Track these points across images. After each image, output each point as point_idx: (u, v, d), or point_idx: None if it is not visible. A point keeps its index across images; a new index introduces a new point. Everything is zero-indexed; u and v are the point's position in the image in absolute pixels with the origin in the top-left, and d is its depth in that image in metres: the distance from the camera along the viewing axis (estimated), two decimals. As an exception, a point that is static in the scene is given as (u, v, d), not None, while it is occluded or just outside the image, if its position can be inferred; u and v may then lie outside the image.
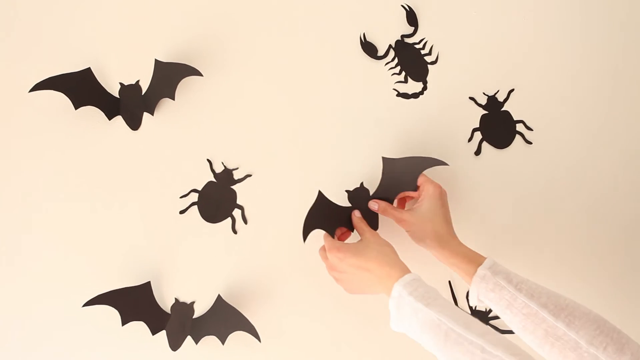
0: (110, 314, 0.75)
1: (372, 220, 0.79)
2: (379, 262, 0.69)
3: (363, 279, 0.71)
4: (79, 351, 0.78)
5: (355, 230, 0.78)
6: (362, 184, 0.81)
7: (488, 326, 0.59)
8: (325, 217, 0.77)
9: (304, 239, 0.74)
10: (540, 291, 0.64)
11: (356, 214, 0.78)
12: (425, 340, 0.61)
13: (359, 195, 0.81)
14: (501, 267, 0.68)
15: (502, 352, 0.54)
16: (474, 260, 0.70)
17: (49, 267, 0.79)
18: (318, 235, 0.79)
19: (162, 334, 0.77)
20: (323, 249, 0.76)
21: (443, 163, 0.77)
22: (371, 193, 0.80)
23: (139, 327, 0.77)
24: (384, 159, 0.78)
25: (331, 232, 0.77)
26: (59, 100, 0.79)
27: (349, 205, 0.80)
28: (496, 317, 0.81)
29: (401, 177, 0.78)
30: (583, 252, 0.84)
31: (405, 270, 0.67)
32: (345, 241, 0.80)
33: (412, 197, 0.80)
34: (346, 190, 0.81)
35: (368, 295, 0.75)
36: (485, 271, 0.67)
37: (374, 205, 0.79)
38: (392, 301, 0.65)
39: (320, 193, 0.76)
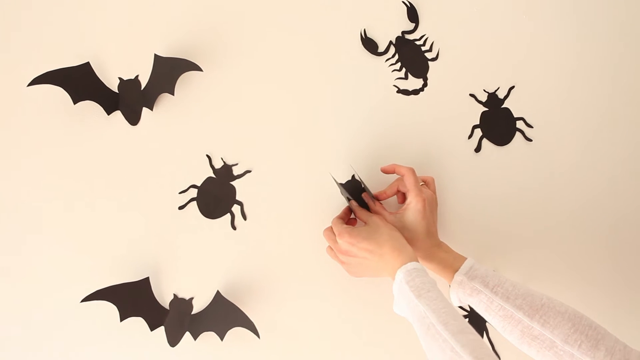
0: (109, 309, 0.75)
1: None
2: (390, 247, 0.69)
3: (373, 263, 0.71)
4: (77, 347, 0.78)
5: (358, 218, 0.79)
6: (353, 176, 0.82)
7: (466, 323, 0.60)
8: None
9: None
10: (516, 292, 0.65)
11: (354, 204, 0.79)
12: (415, 327, 0.63)
13: (351, 188, 0.81)
14: (478, 270, 0.69)
15: (468, 355, 0.55)
16: (451, 265, 0.71)
17: (47, 262, 0.79)
18: (312, 228, 0.79)
19: (161, 329, 0.77)
20: (329, 230, 0.77)
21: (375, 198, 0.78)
22: (362, 185, 0.81)
23: (137, 323, 0.76)
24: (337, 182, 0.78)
25: (359, 201, 0.79)
26: (57, 94, 0.78)
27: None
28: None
29: None
30: (582, 249, 0.84)
31: (412, 257, 0.68)
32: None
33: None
34: (340, 183, 0.81)
35: (368, 291, 0.76)
36: (462, 277, 0.69)
37: (367, 200, 0.80)
38: (394, 286, 0.67)
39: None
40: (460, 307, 0.81)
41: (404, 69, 0.86)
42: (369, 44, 0.85)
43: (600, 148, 0.86)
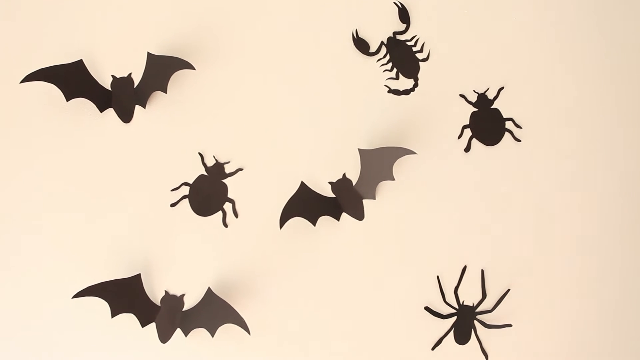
0: (100, 305, 0.75)
1: (358, 208, 0.81)
2: None
3: None
4: (68, 342, 0.78)
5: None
6: (344, 175, 0.82)
7: None
8: (307, 206, 0.80)
9: (280, 226, 0.78)
10: None
11: None
12: None
13: (342, 186, 0.82)
14: None
15: None
16: None
17: (39, 259, 0.79)
18: (304, 226, 0.80)
19: (152, 326, 0.77)
20: None
21: (412, 152, 0.77)
22: (354, 183, 0.82)
23: (128, 319, 0.77)
24: (360, 150, 0.80)
25: (313, 221, 0.79)
26: (50, 91, 0.79)
27: (333, 196, 0.82)
28: (485, 312, 0.82)
29: (378, 167, 0.80)
30: (572, 249, 0.85)
31: None
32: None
33: None
34: (329, 182, 0.82)
35: (360, 289, 0.77)
36: None
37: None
38: None
39: (302, 183, 0.79)
40: (448, 304, 0.82)
41: (395, 69, 0.86)
42: (361, 44, 0.86)
43: (589, 148, 0.87)
